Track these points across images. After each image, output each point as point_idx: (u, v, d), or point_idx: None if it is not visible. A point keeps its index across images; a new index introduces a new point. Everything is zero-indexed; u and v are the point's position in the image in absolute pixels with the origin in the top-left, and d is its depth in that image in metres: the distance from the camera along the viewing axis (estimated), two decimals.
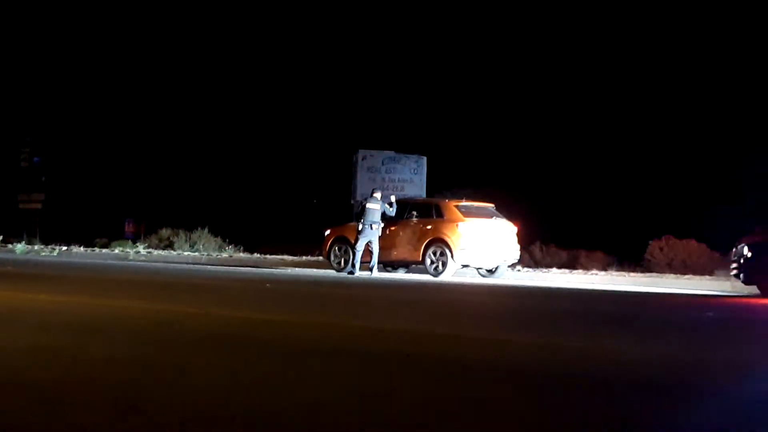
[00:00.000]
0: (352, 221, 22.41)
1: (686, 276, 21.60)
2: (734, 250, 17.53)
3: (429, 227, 21.22)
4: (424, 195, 24.68)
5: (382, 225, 21.32)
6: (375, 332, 7.42)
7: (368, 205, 21.28)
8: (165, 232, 32.57)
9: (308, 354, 5.80)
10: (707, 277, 21.27)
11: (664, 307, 13.50)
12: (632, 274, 22.70)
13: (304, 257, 26.76)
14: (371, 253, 21.09)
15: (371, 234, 21.03)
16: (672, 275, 22.01)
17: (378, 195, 21.55)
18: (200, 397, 4.08)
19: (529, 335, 7.70)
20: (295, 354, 5.78)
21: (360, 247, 21.12)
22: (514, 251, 21.50)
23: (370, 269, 21.03)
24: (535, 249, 27.14)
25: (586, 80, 33.93)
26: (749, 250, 16.84)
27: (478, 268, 21.80)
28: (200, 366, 5.07)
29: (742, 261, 16.95)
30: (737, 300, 15.78)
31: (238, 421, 3.60)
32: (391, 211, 21.52)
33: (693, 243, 25.31)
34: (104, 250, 31.14)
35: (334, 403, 4.04)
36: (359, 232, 21.11)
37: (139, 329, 6.97)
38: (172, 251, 30.35)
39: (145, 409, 3.76)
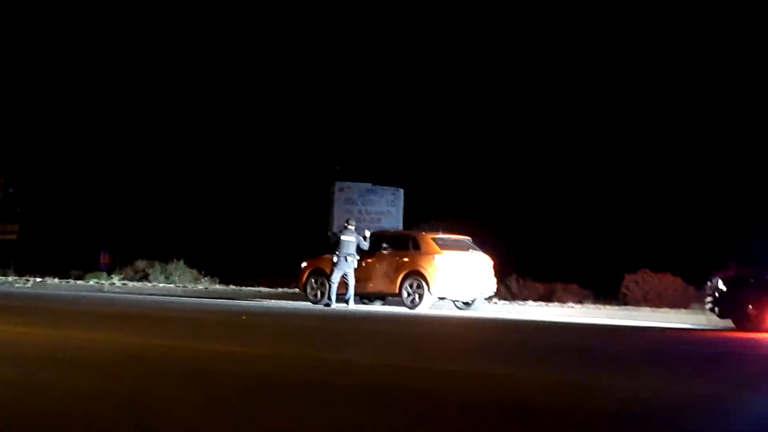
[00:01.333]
0: (328, 253, 22.34)
1: (662, 309, 21.67)
2: (709, 284, 17.64)
3: (406, 260, 21.22)
4: (401, 227, 24.66)
5: (358, 257, 21.31)
6: (347, 366, 7.38)
7: (343, 238, 21.25)
8: (140, 264, 32.37)
9: (280, 388, 5.76)
10: (683, 310, 21.35)
11: (639, 340, 13.52)
12: (608, 307, 22.75)
13: (280, 289, 26.68)
14: (347, 285, 21.05)
15: (346, 266, 21.00)
16: (648, 308, 22.07)
17: (352, 226, 21.50)
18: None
19: (502, 368, 7.68)
20: (269, 388, 5.74)
21: (335, 279, 21.07)
22: (491, 284, 21.51)
23: (347, 301, 20.97)
24: (512, 282, 27.15)
25: (559, 115, 34.14)
26: (724, 284, 16.95)
27: (454, 301, 21.77)
28: (169, 399, 5.02)
29: (717, 295, 17.05)
30: (712, 334, 15.82)
31: None
32: (365, 245, 21.51)
33: (668, 276, 25.41)
34: (79, 282, 30.90)
35: None
36: (334, 264, 21.07)
37: (110, 362, 6.90)
38: (147, 283, 30.17)
39: None
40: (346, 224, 21.65)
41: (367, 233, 21.84)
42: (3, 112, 41.04)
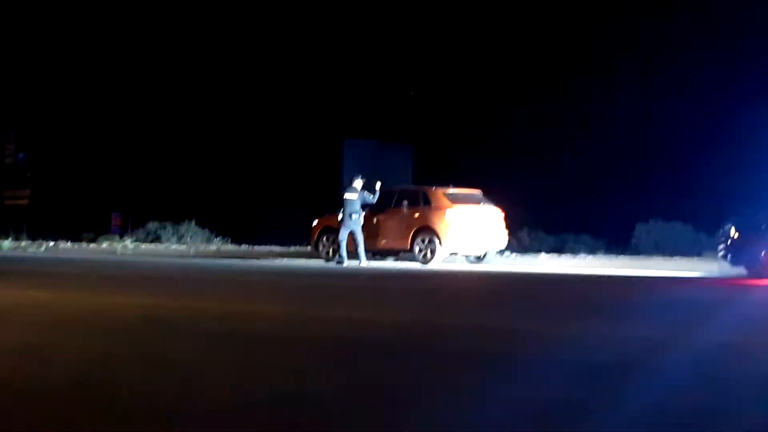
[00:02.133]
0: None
1: (674, 258, 21.68)
2: (721, 231, 17.60)
3: (417, 215, 21.23)
4: (411, 183, 24.65)
5: (364, 213, 21.28)
6: (361, 323, 7.42)
7: (346, 196, 21.23)
8: (152, 226, 32.51)
9: (292, 344, 5.80)
10: (695, 258, 21.36)
11: (651, 290, 13.54)
12: (620, 257, 22.79)
13: (292, 248, 26.77)
14: (356, 242, 21.07)
15: (351, 224, 21.00)
16: (660, 257, 22.09)
17: (358, 184, 21.39)
18: (166, 392, 4.07)
19: (510, 321, 7.72)
20: (281, 345, 5.78)
21: (343, 237, 21.10)
22: (503, 237, 21.53)
23: (358, 258, 21.03)
24: (523, 234, 27.21)
25: (561, 72, 33.96)
26: (736, 230, 16.91)
27: (466, 255, 21.83)
28: (186, 360, 5.06)
29: (729, 242, 17.01)
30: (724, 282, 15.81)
31: (225, 410, 3.60)
32: (372, 199, 21.42)
33: (679, 225, 25.42)
34: (91, 245, 31.06)
35: (314, 392, 4.03)
36: (340, 222, 21.14)
37: (130, 325, 6.95)
38: (159, 245, 30.31)
39: (136, 405, 3.75)
40: (352, 182, 21.59)
41: (378, 185, 21.76)
42: (12, 78, 41.03)
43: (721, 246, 17.39)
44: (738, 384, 4.58)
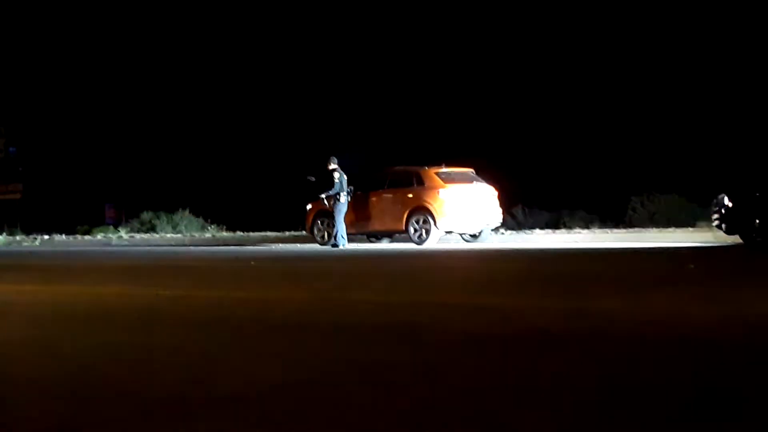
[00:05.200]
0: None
1: (669, 229, 21.74)
2: (715, 201, 17.65)
3: (410, 195, 21.29)
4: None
5: (350, 194, 21.62)
6: (363, 304, 7.43)
7: (335, 177, 21.52)
8: (146, 215, 32.48)
9: (297, 329, 5.80)
10: (690, 229, 21.42)
11: (648, 261, 13.58)
12: (615, 230, 22.84)
13: (287, 233, 26.78)
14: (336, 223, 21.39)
15: (342, 205, 21.32)
16: (655, 229, 22.15)
17: (333, 164, 21.68)
18: (172, 380, 4.07)
19: (508, 298, 7.73)
20: (287, 330, 5.78)
21: (339, 219, 21.31)
22: (497, 215, 21.59)
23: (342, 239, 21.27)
24: (518, 211, 27.23)
25: (559, 43, 33.89)
26: (730, 199, 16.95)
27: (461, 234, 21.87)
28: (172, 348, 5.06)
29: (723, 211, 17.06)
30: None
31: (211, 399, 3.60)
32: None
33: (674, 196, 25.46)
34: (86, 237, 31.04)
35: (308, 380, 4.03)
36: (333, 207, 21.38)
37: (130, 315, 6.94)
38: (154, 234, 30.29)
39: (132, 392, 3.76)
40: (329, 164, 21.73)
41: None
42: (1, 71, 40.83)
43: (716, 216, 17.45)
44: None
